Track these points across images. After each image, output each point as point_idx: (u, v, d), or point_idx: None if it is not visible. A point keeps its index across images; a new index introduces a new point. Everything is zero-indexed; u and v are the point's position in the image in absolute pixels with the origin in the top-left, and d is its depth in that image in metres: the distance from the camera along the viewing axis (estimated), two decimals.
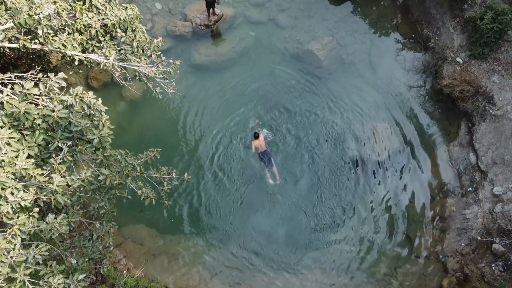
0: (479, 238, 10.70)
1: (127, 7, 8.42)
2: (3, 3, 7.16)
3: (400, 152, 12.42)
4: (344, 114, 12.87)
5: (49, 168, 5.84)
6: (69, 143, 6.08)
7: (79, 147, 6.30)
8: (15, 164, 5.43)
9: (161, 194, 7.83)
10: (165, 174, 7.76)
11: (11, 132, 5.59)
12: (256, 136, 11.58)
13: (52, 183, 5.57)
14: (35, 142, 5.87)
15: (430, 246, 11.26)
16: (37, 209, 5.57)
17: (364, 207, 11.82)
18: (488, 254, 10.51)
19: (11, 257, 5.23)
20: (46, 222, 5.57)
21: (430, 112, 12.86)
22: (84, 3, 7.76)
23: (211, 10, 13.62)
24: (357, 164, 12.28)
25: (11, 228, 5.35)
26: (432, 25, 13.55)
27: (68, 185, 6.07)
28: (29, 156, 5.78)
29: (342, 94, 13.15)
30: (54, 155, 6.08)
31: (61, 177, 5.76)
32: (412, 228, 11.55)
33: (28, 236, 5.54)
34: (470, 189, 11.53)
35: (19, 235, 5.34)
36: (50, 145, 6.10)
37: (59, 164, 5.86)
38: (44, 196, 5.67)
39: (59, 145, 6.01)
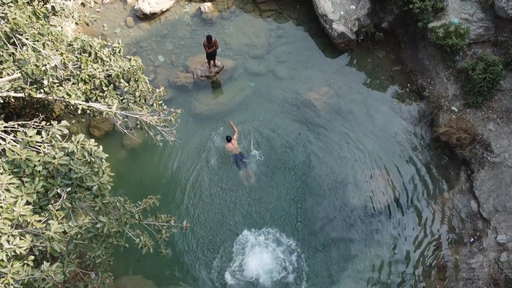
0: None
1: (131, 58, 8.73)
2: (12, 55, 7.45)
3: (400, 200, 12.33)
4: (343, 162, 12.93)
5: (46, 215, 5.79)
6: (69, 189, 6.08)
7: (78, 194, 6.28)
8: (13, 210, 5.40)
9: (159, 242, 7.69)
10: (164, 222, 7.68)
11: (11, 178, 5.60)
12: (229, 140, 12.46)
13: (49, 230, 5.50)
14: (34, 189, 5.87)
15: None
16: (32, 257, 5.46)
17: (364, 257, 11.54)
18: None
19: None
20: (41, 270, 5.43)
21: (428, 159, 12.93)
22: (89, 55, 8.07)
23: (211, 62, 14.10)
24: (357, 212, 12.15)
25: (4, 276, 5.21)
26: (426, 76, 13.97)
27: (65, 233, 5.99)
28: (27, 203, 5.75)
29: (340, 142, 13.29)
30: (52, 202, 6.05)
31: (59, 223, 5.70)
32: (416, 280, 11.21)
33: (22, 286, 5.38)
34: (473, 239, 11.32)
35: (12, 284, 5.19)
36: (49, 192, 6.09)
37: (57, 210, 5.82)
38: (40, 244, 5.57)
39: (58, 191, 6.01)
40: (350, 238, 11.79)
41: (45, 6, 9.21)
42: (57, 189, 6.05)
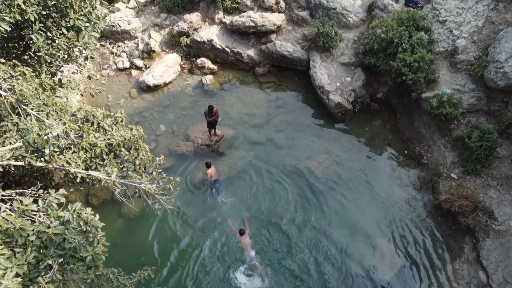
0: None
1: (132, 128, 8.89)
2: (15, 125, 7.60)
3: (404, 271, 11.86)
4: (343, 231, 12.63)
5: None
6: (61, 260, 5.86)
7: (71, 265, 6.05)
8: (1, 283, 5.16)
9: None
10: None
11: (2, 249, 5.43)
12: (209, 166, 13.24)
13: None
14: (25, 260, 5.66)
15: None
16: None
17: None
18: None
19: None
20: None
21: (432, 228, 12.65)
22: (92, 124, 8.23)
23: (212, 131, 14.37)
24: (359, 284, 11.62)
25: None
26: (423, 144, 14.16)
27: None
28: (17, 275, 5.51)
29: (340, 210, 13.11)
30: (43, 274, 5.81)
31: None
32: None
33: None
34: None
35: None
36: (40, 263, 5.87)
37: (47, 283, 5.57)
38: None
39: (50, 262, 5.79)
40: None
41: (52, 79, 9.62)
42: (49, 259, 5.84)
